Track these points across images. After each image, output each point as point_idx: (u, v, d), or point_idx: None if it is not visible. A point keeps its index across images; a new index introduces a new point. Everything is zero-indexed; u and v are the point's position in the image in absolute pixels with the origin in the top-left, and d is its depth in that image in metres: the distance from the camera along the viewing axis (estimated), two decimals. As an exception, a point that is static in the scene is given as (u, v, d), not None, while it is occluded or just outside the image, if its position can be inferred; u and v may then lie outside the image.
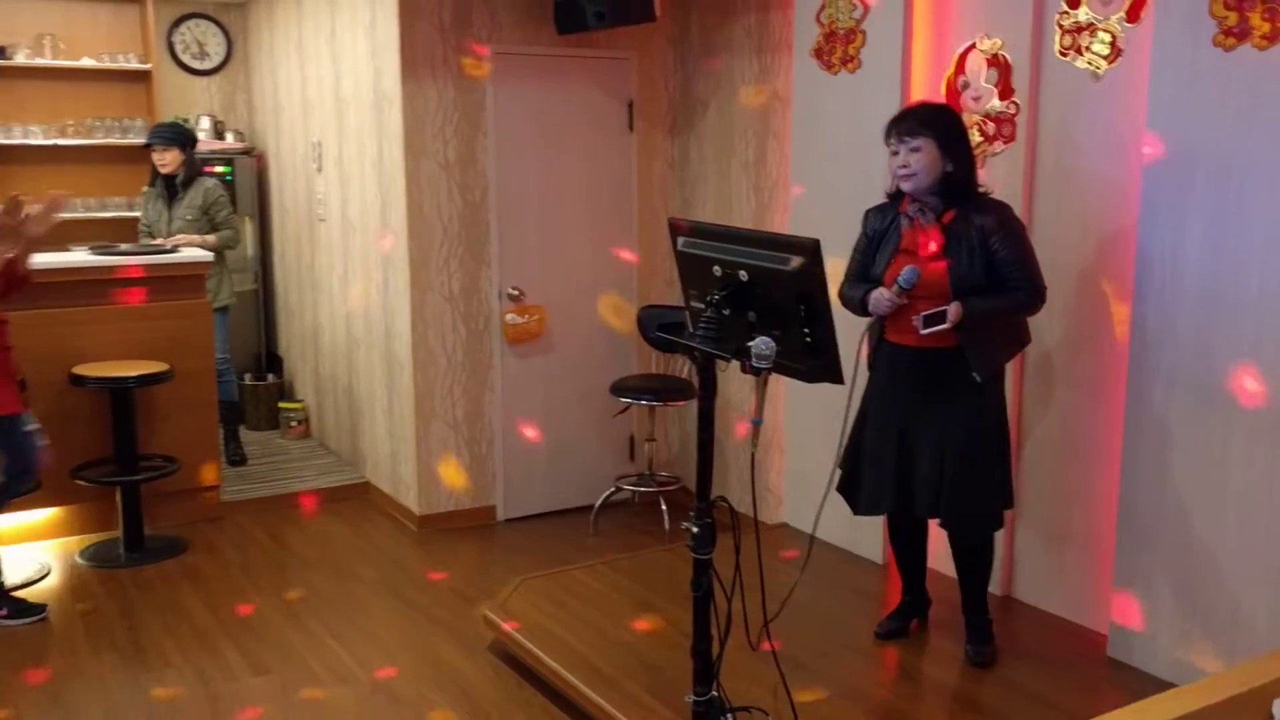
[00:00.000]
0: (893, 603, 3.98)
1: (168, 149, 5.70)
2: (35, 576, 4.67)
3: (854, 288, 3.63)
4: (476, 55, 5.09)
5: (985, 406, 3.51)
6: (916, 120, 3.45)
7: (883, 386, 3.62)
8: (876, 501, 3.66)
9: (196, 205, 5.77)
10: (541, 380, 5.45)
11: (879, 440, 3.62)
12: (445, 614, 4.37)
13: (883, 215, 3.63)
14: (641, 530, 5.34)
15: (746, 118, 5.09)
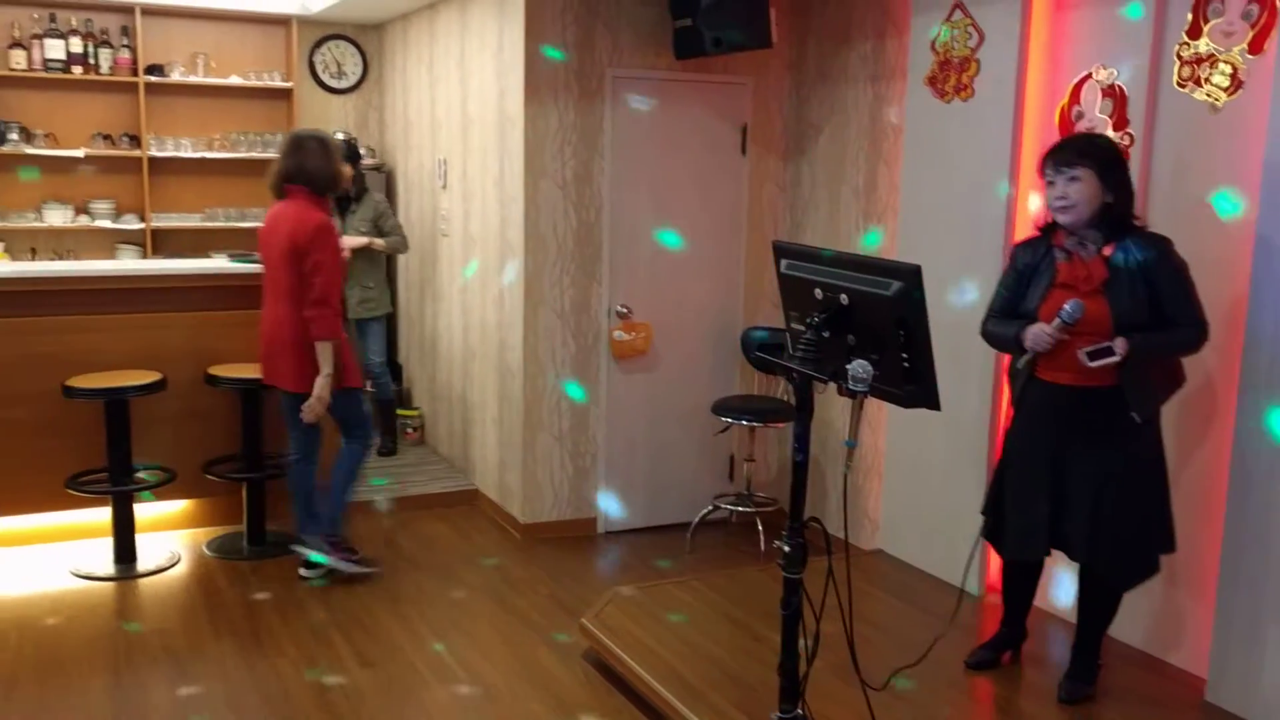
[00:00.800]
0: (987, 633, 3.95)
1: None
2: (166, 564, 4.96)
3: (1003, 324, 3.55)
4: (596, 79, 5.25)
5: (1143, 448, 3.41)
6: (1075, 150, 3.37)
7: (1031, 426, 3.53)
8: (1026, 545, 3.58)
9: (368, 218, 6.18)
10: (645, 397, 5.55)
11: (1027, 481, 3.54)
12: (543, 620, 4.50)
13: (1034, 249, 3.54)
14: (737, 549, 5.39)
15: (858, 143, 5.13)
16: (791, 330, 3.24)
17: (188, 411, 5.19)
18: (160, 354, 5.08)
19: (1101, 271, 3.36)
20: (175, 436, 5.19)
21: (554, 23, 5.15)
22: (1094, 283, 3.37)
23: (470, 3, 5.81)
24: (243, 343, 5.27)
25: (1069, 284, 3.42)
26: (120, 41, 6.95)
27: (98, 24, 6.92)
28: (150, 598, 4.65)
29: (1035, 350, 3.41)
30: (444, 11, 6.26)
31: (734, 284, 5.67)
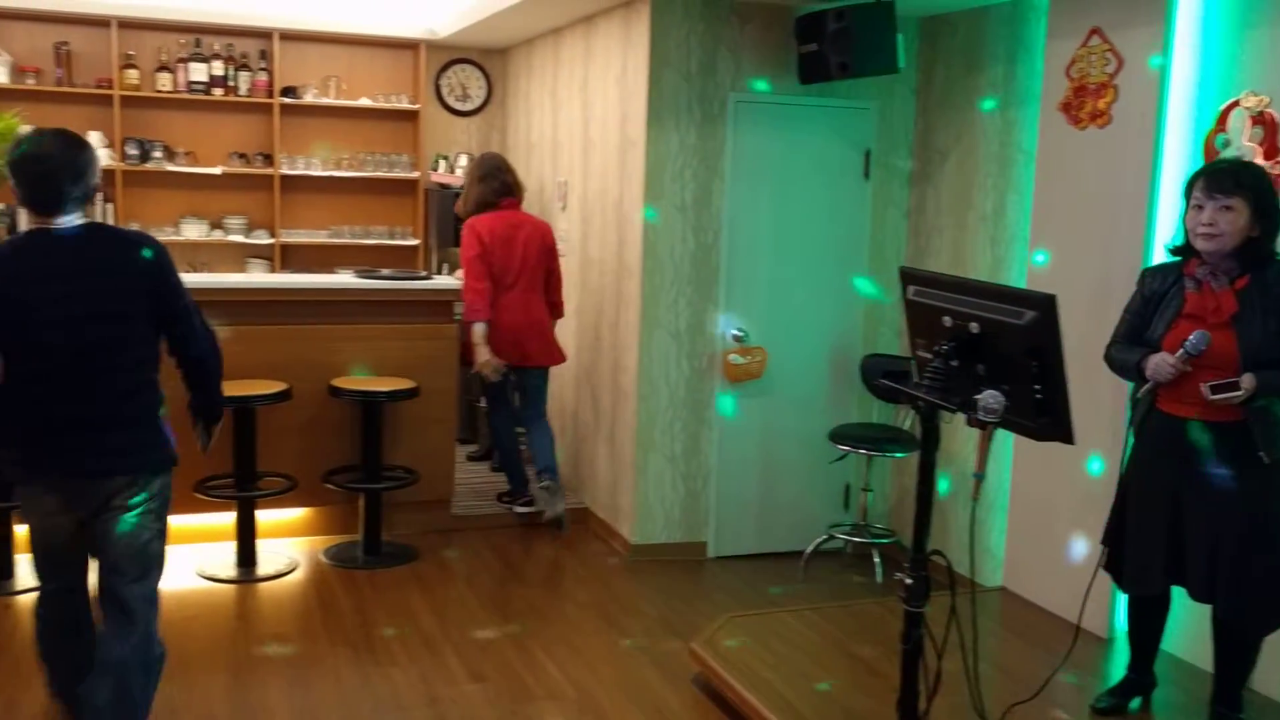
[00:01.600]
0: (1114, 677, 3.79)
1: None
2: (285, 569, 5.08)
3: (1126, 351, 3.45)
4: (719, 103, 5.25)
5: (1271, 488, 3.24)
6: (1234, 179, 3.22)
7: (1150, 458, 3.41)
8: (1143, 579, 3.46)
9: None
10: (759, 421, 5.50)
11: (1145, 515, 3.42)
12: (652, 643, 4.47)
13: (1163, 276, 3.43)
14: (852, 581, 5.29)
15: (987, 170, 5.02)
16: (918, 358, 3.17)
17: (310, 422, 5.33)
18: (286, 365, 5.22)
19: (1231, 304, 3.22)
20: (297, 446, 5.32)
21: (678, 47, 5.17)
22: (1223, 315, 3.23)
23: (595, 28, 5.88)
24: (364, 356, 5.40)
25: (1196, 315, 3.29)
26: (258, 65, 7.22)
27: (238, 48, 7.20)
28: (269, 602, 4.77)
29: (1156, 381, 3.29)
30: (568, 36, 6.34)
31: (855, 310, 5.59)
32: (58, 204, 3.04)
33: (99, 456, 3.11)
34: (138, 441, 3.17)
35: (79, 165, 3.06)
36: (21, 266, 3.05)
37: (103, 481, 3.11)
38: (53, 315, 3.02)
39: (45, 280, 3.03)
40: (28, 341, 3.03)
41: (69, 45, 6.90)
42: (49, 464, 3.11)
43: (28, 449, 3.12)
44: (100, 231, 3.22)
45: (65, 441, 3.09)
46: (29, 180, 3.05)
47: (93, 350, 3.06)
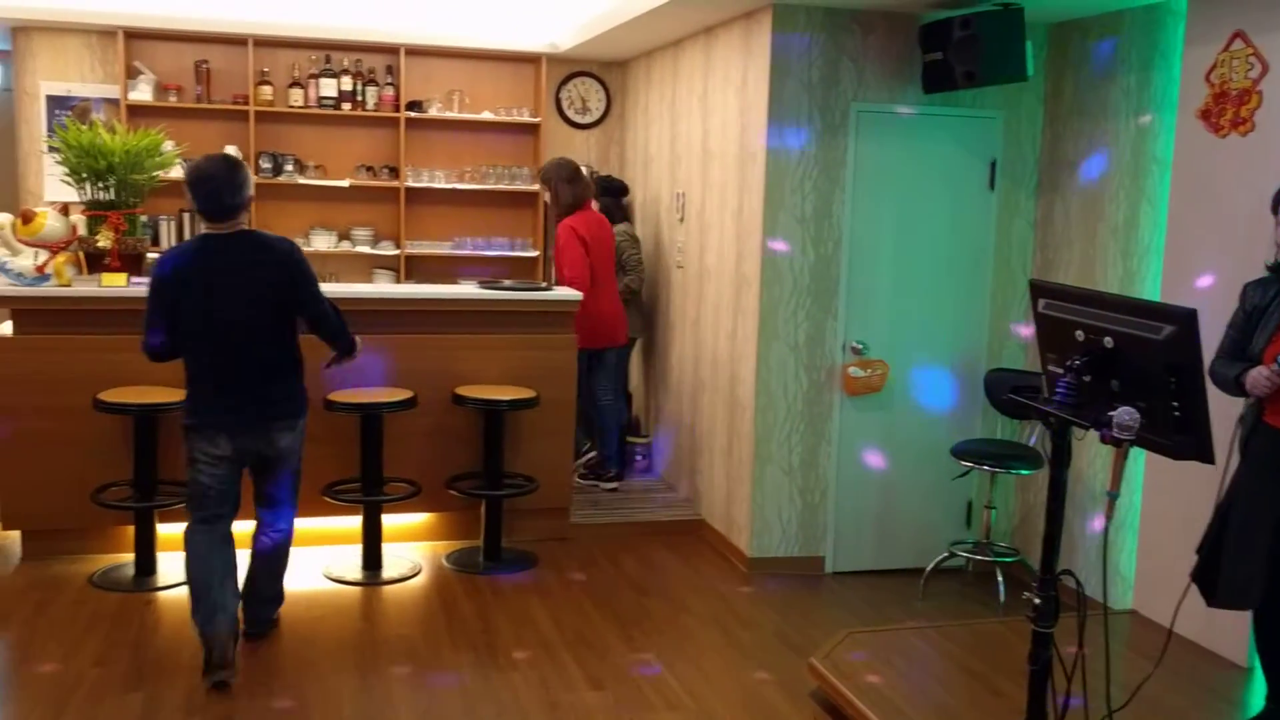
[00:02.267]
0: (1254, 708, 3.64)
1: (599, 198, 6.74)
2: (409, 573, 5.21)
3: (1227, 365, 3.39)
4: (840, 113, 5.21)
5: None
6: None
7: (1256, 473, 3.34)
8: (1240, 594, 3.37)
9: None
10: (879, 436, 5.43)
11: (1248, 530, 3.33)
12: (769, 657, 4.45)
13: (1264, 289, 3.40)
14: (974, 599, 5.18)
15: (1119, 180, 4.88)
16: (1048, 373, 3.11)
17: (434, 429, 5.45)
18: (411, 373, 5.35)
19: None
20: (422, 452, 5.45)
21: (800, 58, 5.15)
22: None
23: (715, 40, 5.90)
24: (486, 365, 5.50)
25: None
26: (385, 80, 7.43)
27: (366, 64, 7.42)
28: (393, 604, 4.89)
29: (1254, 394, 3.23)
30: (688, 48, 6.38)
31: (979, 323, 5.48)
32: (220, 213, 4.00)
33: (253, 405, 4.07)
34: (280, 394, 4.15)
35: (236, 182, 3.99)
36: (196, 261, 4.02)
37: (255, 424, 4.08)
38: (218, 299, 3.98)
39: (213, 272, 3.99)
40: (198, 317, 3.99)
41: (208, 63, 7.21)
42: (213, 412, 4.05)
43: (196, 400, 4.09)
44: (253, 235, 4.12)
45: (225, 395, 4.05)
46: (200, 195, 3.99)
47: (246, 325, 4.02)
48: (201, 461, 4.06)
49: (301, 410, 4.24)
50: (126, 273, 5.16)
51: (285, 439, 4.16)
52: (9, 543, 5.31)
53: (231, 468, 4.11)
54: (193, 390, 4.10)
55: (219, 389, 4.04)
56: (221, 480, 4.09)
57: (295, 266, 4.10)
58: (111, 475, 5.06)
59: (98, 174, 5.21)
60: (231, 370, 4.04)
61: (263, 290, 4.03)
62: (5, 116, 7.75)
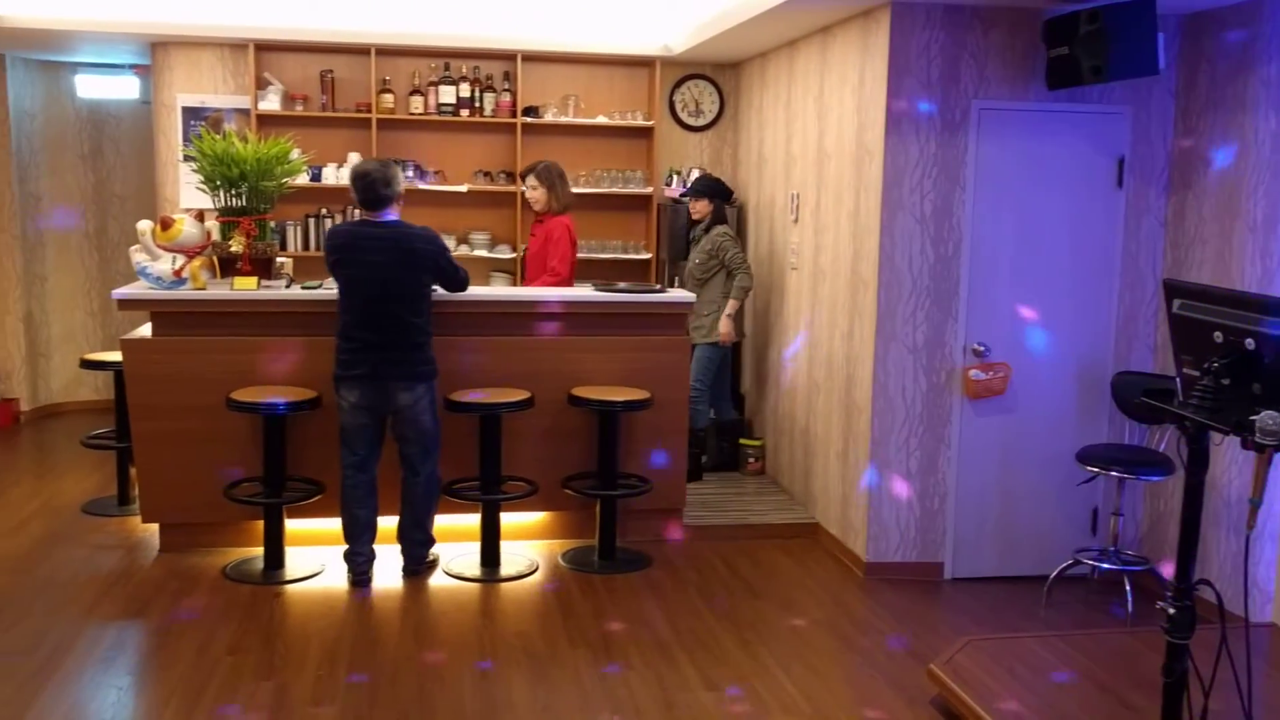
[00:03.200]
0: None
1: (697, 199, 6.69)
2: (526, 570, 5.29)
3: None
4: (961, 111, 5.12)
5: None
6: None
7: None
8: None
9: (706, 250, 6.56)
10: (1000, 440, 5.31)
11: None
12: (887, 662, 4.39)
13: None
14: (1100, 609, 5.03)
15: (1257, 175, 4.68)
16: (1184, 376, 3.00)
17: (551, 429, 5.52)
18: (528, 374, 5.43)
19: None
20: (539, 451, 5.53)
21: (919, 56, 5.08)
22: None
23: (831, 39, 5.85)
24: (601, 366, 5.54)
25: None
26: (502, 86, 7.55)
27: (484, 70, 7.56)
28: (510, 601, 4.97)
29: None
30: (803, 48, 6.34)
31: (1105, 324, 5.32)
32: (376, 203, 4.94)
33: (392, 366, 4.89)
34: (411, 359, 4.93)
35: (387, 177, 4.93)
36: (354, 240, 4.95)
37: (393, 384, 4.90)
38: (371, 273, 4.86)
39: (368, 250, 4.89)
40: (350, 285, 4.90)
41: (333, 73, 7.43)
42: (358, 370, 4.88)
43: (345, 358, 4.91)
44: (401, 225, 5.01)
45: (371, 355, 4.87)
46: (359, 188, 4.93)
47: (387, 297, 4.85)
48: (345, 411, 4.93)
49: (430, 374, 4.99)
50: (257, 276, 5.35)
51: (404, 397, 4.91)
52: (148, 535, 5.56)
53: (371, 415, 4.94)
54: (338, 347, 4.93)
55: (360, 349, 4.86)
56: (362, 425, 4.95)
57: (436, 253, 4.99)
58: (243, 471, 5.26)
59: (230, 181, 5.41)
60: (371, 334, 4.85)
61: (406, 269, 4.87)
62: (145, 128, 8.12)
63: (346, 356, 4.91)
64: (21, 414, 8.18)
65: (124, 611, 4.72)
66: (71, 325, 8.55)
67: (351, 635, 4.52)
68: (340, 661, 4.25)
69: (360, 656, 4.31)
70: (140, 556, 5.37)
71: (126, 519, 5.89)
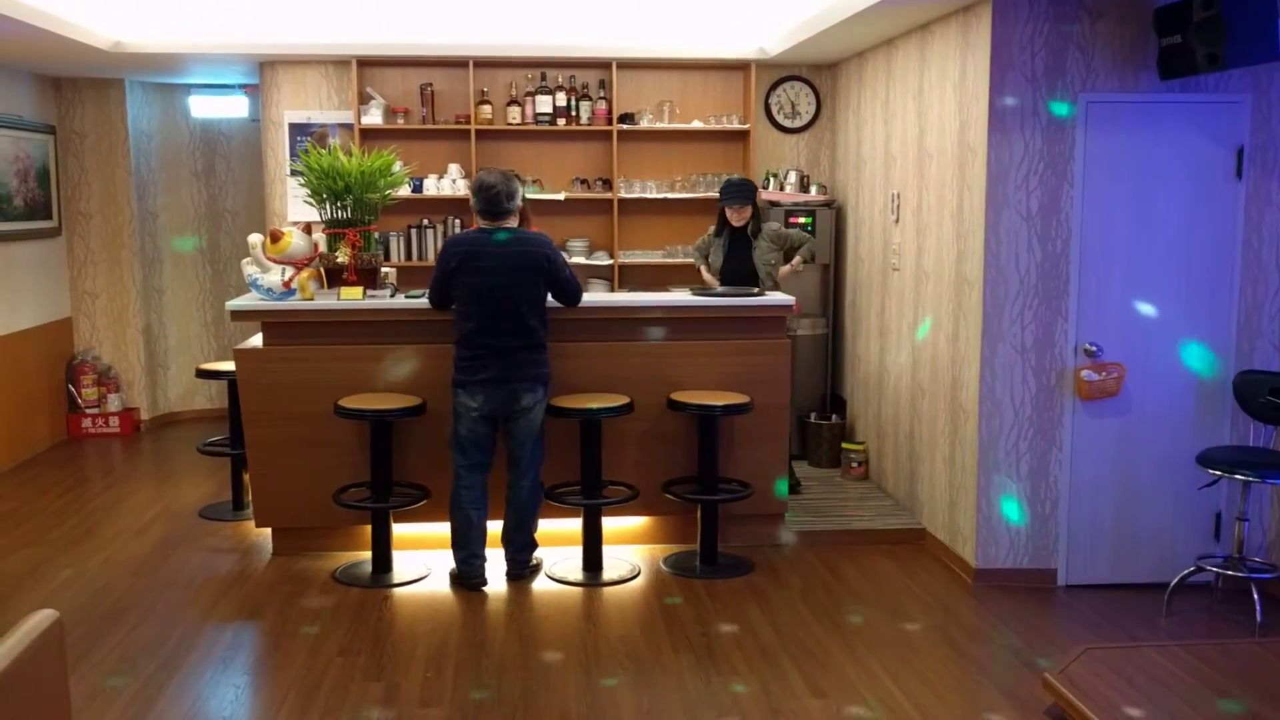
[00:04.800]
0: None
1: (744, 206, 6.25)
2: (628, 575, 5.29)
3: None
4: (1067, 104, 4.98)
5: None
6: None
7: None
8: None
9: (773, 246, 6.33)
10: (1116, 443, 5.14)
11: None
12: (1000, 670, 4.28)
13: None
14: (1225, 618, 4.83)
15: (1390, 163, 4.45)
16: (1316, 372, 2.86)
17: (651, 434, 5.52)
18: (627, 379, 5.43)
19: None
20: (639, 456, 5.53)
21: (1022, 50, 4.96)
22: None
23: (931, 36, 5.75)
24: (701, 370, 5.52)
25: None
26: (598, 94, 7.59)
27: (580, 79, 7.61)
28: (613, 606, 4.97)
29: None
30: (902, 46, 6.24)
31: (1225, 321, 5.11)
32: (498, 215, 5.03)
33: (517, 369, 4.97)
34: (533, 361, 5.02)
35: (511, 191, 5.03)
36: (476, 248, 4.99)
37: (511, 385, 4.96)
38: (488, 279, 4.93)
39: (490, 257, 4.96)
40: (472, 293, 4.95)
41: (432, 86, 7.56)
42: (483, 375, 4.94)
43: (468, 364, 4.97)
44: (520, 233, 5.08)
45: (488, 360, 4.94)
46: (482, 199, 5.02)
47: (509, 302, 4.93)
48: (461, 414, 5.01)
49: (546, 378, 5.07)
50: (363, 286, 5.46)
51: (527, 399, 4.98)
52: (262, 539, 5.71)
53: (486, 418, 5.02)
54: (458, 351, 5.02)
55: (477, 353, 4.95)
56: (479, 428, 5.04)
57: (551, 260, 5.03)
58: (351, 477, 5.37)
59: (336, 194, 5.53)
60: (488, 339, 4.93)
61: (523, 275, 4.94)
62: (254, 144, 8.37)
63: (469, 362, 4.97)
64: (142, 423, 8.50)
65: (240, 613, 4.85)
66: (187, 336, 8.86)
67: (458, 638, 4.57)
68: (447, 663, 4.30)
69: (467, 659, 4.35)
70: (254, 560, 5.52)
71: (241, 524, 6.06)
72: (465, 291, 4.97)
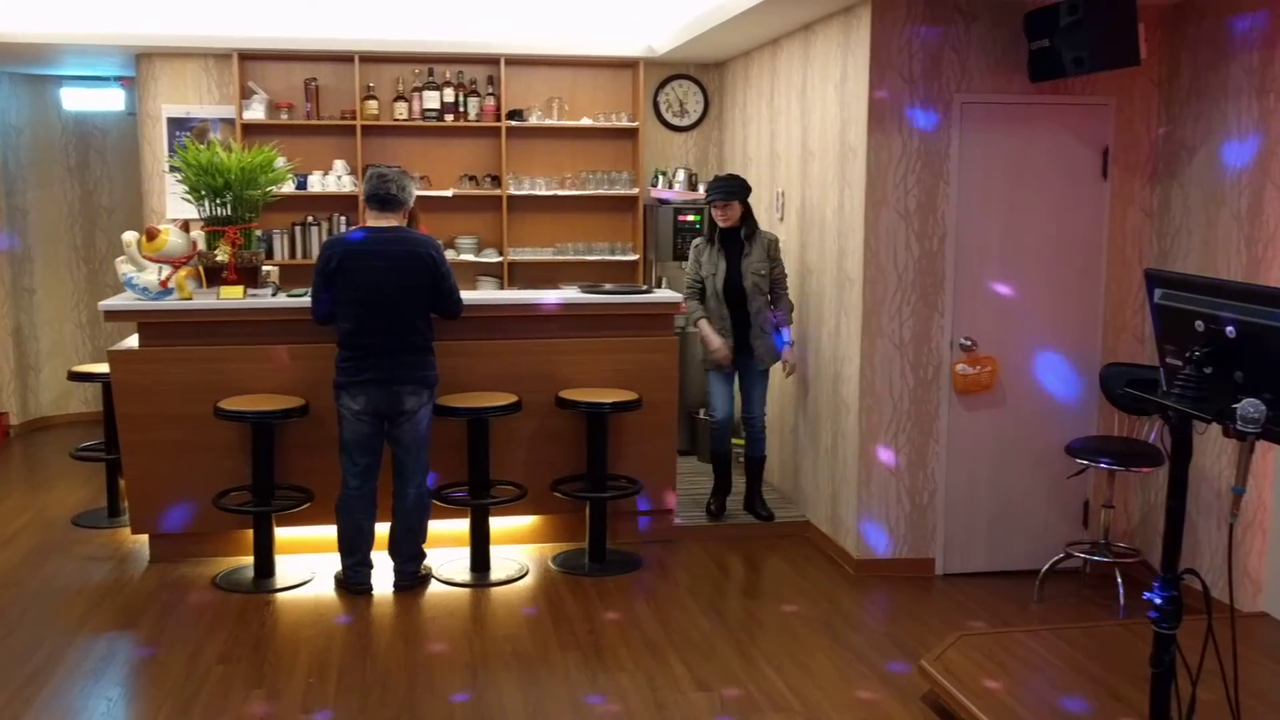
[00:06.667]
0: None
1: (729, 202, 5.62)
2: (516, 575, 5.27)
3: None
4: (943, 105, 5.11)
5: None
6: None
7: None
8: None
9: (762, 257, 5.68)
10: (990, 434, 5.31)
11: None
12: (879, 659, 4.38)
13: None
14: (1093, 601, 5.03)
15: (1241, 164, 4.68)
16: (1167, 365, 2.99)
17: (540, 432, 5.51)
18: (516, 378, 5.41)
19: None
20: (528, 455, 5.52)
21: (900, 51, 5.07)
22: None
23: (813, 36, 5.85)
24: (590, 367, 5.53)
25: None
26: (486, 90, 7.54)
27: (468, 75, 7.55)
28: (501, 606, 4.95)
29: None
30: (786, 46, 6.33)
31: (1092, 316, 5.31)
32: (386, 203, 4.89)
33: (401, 370, 4.83)
34: (417, 363, 4.88)
35: (403, 183, 4.94)
36: (355, 246, 4.86)
37: (393, 387, 4.83)
38: (371, 278, 4.79)
39: (372, 256, 4.82)
40: (353, 292, 4.80)
41: (317, 81, 7.42)
42: (365, 376, 4.80)
43: (350, 365, 4.83)
44: (406, 231, 4.98)
45: (369, 360, 4.81)
46: (374, 184, 4.89)
47: (392, 302, 4.79)
48: (347, 417, 4.87)
49: (431, 381, 4.94)
50: (243, 285, 5.33)
51: (410, 402, 4.86)
52: (138, 546, 5.54)
53: (372, 421, 4.89)
54: (341, 353, 4.87)
55: (359, 353, 4.81)
56: (364, 431, 4.90)
57: (435, 261, 4.90)
58: (232, 481, 5.25)
59: (215, 191, 5.39)
60: (369, 339, 4.81)
61: (406, 275, 4.81)
62: (130, 139, 8.10)
63: (350, 364, 4.83)
64: (11, 428, 8.17)
65: (114, 623, 4.70)
66: (60, 338, 8.54)
67: (341, 642, 4.50)
68: (331, 668, 4.23)
69: (350, 663, 4.29)
70: (130, 568, 5.35)
71: (117, 530, 5.87)
72: (346, 291, 4.81)
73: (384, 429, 4.94)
